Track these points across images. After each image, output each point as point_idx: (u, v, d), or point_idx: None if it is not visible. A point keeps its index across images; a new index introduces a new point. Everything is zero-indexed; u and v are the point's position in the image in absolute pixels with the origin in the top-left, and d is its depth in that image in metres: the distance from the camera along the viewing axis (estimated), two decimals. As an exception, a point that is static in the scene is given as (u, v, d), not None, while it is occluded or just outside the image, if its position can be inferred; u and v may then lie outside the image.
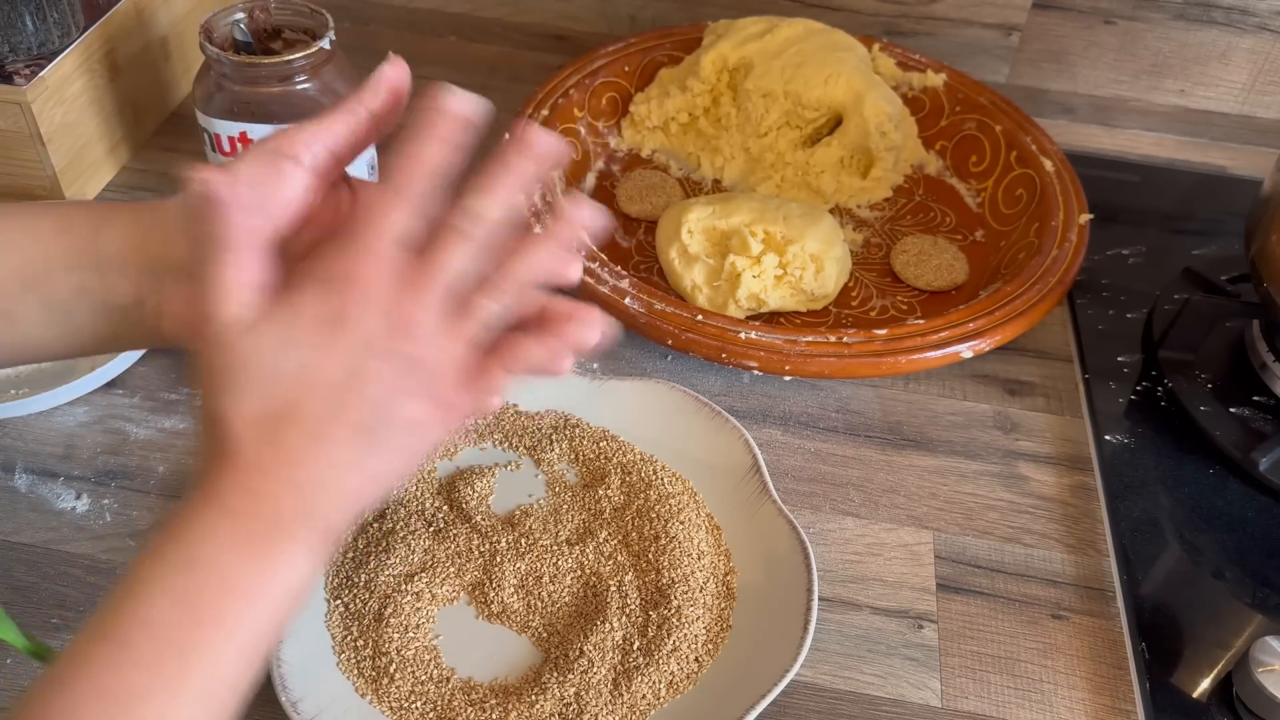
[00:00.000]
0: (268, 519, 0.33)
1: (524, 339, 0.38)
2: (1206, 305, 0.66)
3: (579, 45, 0.93)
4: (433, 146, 0.36)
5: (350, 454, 0.34)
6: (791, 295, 0.67)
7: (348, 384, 0.34)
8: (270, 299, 0.35)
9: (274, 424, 0.33)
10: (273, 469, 0.33)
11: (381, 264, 0.35)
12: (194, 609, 0.32)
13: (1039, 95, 0.89)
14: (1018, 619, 0.53)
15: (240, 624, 0.32)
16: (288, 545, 0.33)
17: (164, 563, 0.32)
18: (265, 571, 0.33)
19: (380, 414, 0.35)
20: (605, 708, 0.47)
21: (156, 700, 0.31)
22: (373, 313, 0.34)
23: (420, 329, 0.35)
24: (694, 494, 0.56)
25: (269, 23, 0.69)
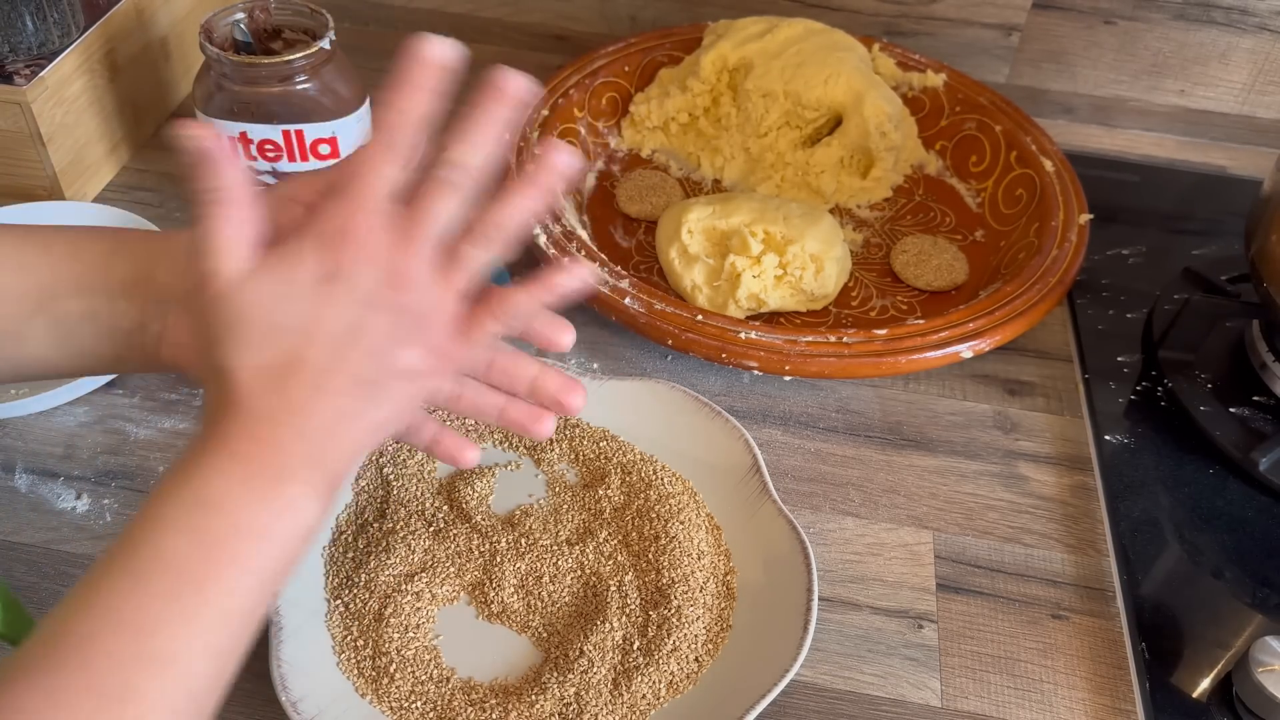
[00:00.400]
0: (274, 464, 0.34)
1: (512, 289, 0.40)
2: (1206, 305, 0.66)
3: (579, 45, 0.93)
4: (417, 97, 0.37)
5: (351, 403, 0.36)
6: (791, 295, 0.67)
7: (347, 336, 0.35)
8: (268, 254, 0.36)
9: (278, 375, 0.35)
10: (278, 417, 0.35)
11: (374, 218, 0.36)
12: (206, 546, 0.33)
13: (1039, 95, 0.89)
14: (1018, 619, 0.53)
15: (250, 561, 0.34)
16: (294, 488, 0.35)
17: (176, 502, 0.34)
18: (273, 512, 0.34)
19: (379, 364, 0.36)
20: (605, 707, 0.47)
21: (171, 629, 0.32)
22: (368, 266, 0.36)
23: (414, 280, 0.36)
24: (694, 494, 0.56)
25: (269, 23, 0.69)
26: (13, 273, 0.40)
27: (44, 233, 0.42)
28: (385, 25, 0.95)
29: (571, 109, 0.78)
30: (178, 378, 0.62)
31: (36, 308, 0.40)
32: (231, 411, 0.35)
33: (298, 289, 0.35)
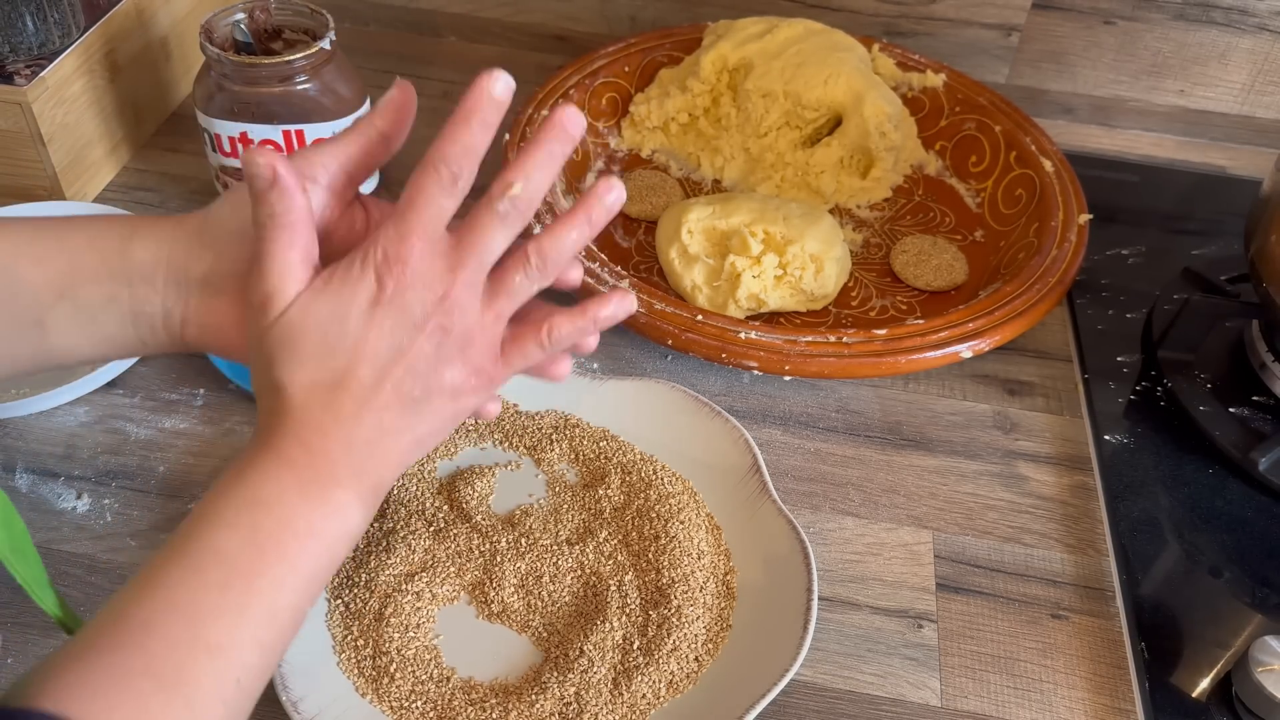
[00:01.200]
0: (323, 471, 0.37)
1: (556, 314, 0.42)
2: (1206, 305, 0.66)
3: (579, 46, 0.93)
4: (479, 132, 0.39)
5: (397, 419, 0.38)
6: (791, 295, 0.67)
7: (396, 356, 0.38)
8: (325, 275, 0.39)
9: (329, 391, 0.38)
10: (328, 429, 0.37)
11: (426, 246, 0.38)
12: (258, 543, 0.35)
13: (1038, 95, 0.89)
14: (1017, 619, 0.53)
15: (298, 559, 0.36)
16: (341, 494, 0.38)
17: (231, 501, 0.36)
18: (321, 514, 0.37)
19: (425, 383, 0.39)
20: (605, 707, 0.47)
21: (223, 620, 0.34)
22: (419, 291, 0.38)
23: (461, 306, 0.39)
24: (694, 494, 0.56)
25: (269, 23, 0.69)
26: (32, 264, 0.41)
27: (59, 224, 0.43)
28: (385, 25, 0.95)
29: (571, 109, 0.78)
30: (179, 377, 0.62)
31: (58, 297, 0.41)
32: (285, 422, 0.37)
33: (351, 310, 0.38)
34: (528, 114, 0.75)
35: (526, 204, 0.39)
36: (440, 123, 0.89)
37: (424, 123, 0.90)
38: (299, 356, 0.38)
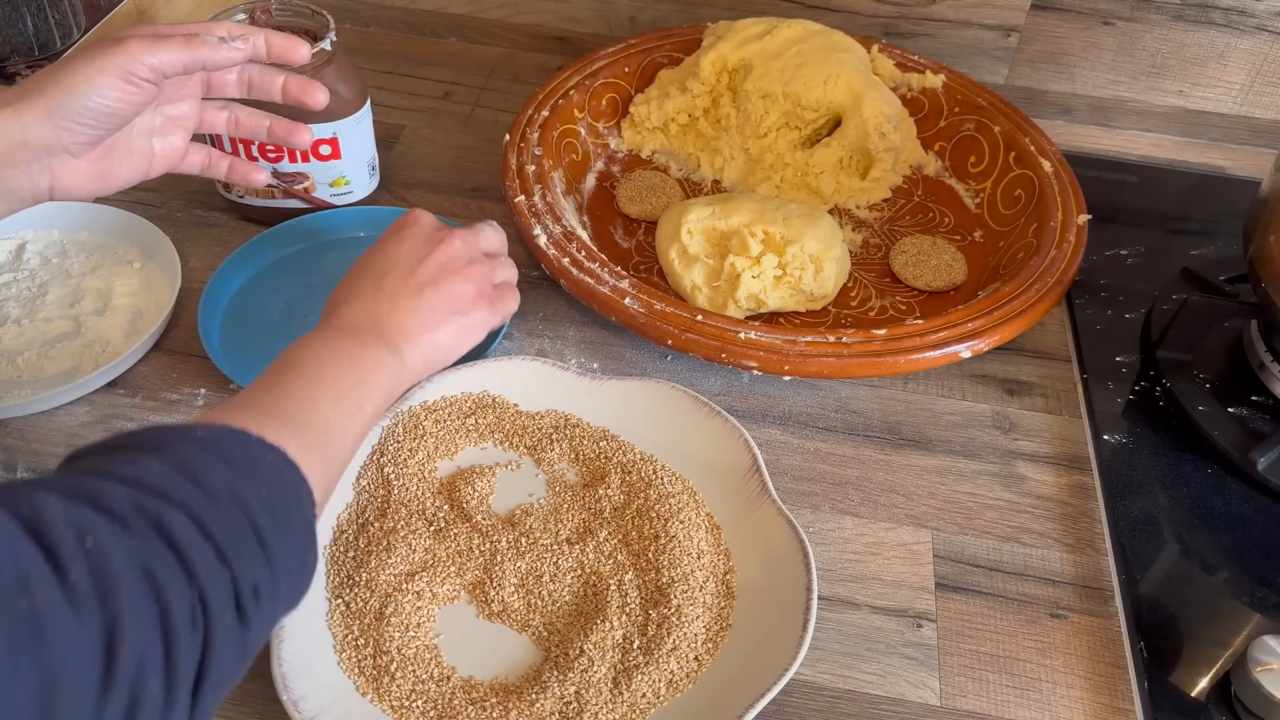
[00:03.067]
0: (384, 334, 0.51)
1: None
2: (1205, 305, 0.66)
3: (579, 46, 0.93)
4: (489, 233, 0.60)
5: (433, 315, 0.53)
6: (791, 295, 0.67)
7: (438, 274, 0.54)
8: (397, 229, 0.57)
9: (399, 282, 0.53)
10: (393, 306, 0.52)
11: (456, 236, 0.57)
12: (339, 392, 0.46)
13: (1038, 96, 0.89)
14: (1016, 618, 0.54)
15: (365, 406, 0.48)
16: (389, 356, 0.50)
17: (321, 358, 0.48)
18: (381, 368, 0.49)
19: (454, 291, 0.54)
20: (605, 706, 0.47)
21: (326, 410, 0.45)
22: (455, 245, 0.56)
23: (474, 257, 0.57)
24: (694, 493, 0.56)
25: (270, 24, 0.69)
26: None
27: None
28: (386, 26, 0.95)
29: (571, 110, 0.78)
30: (179, 377, 0.62)
31: None
32: (361, 302, 0.52)
33: (413, 248, 0.56)
34: (528, 114, 0.75)
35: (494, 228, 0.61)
36: (440, 123, 0.89)
37: (424, 123, 0.90)
38: (381, 267, 0.55)
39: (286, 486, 0.39)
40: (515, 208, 0.68)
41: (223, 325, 0.65)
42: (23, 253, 0.68)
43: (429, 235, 0.56)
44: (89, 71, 0.50)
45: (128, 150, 0.56)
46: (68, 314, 0.64)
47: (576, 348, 0.66)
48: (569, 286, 0.64)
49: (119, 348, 0.62)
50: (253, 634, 0.36)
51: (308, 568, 0.40)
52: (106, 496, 0.33)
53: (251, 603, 0.35)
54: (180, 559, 0.33)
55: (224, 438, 0.38)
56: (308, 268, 0.69)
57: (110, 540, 0.31)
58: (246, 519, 0.36)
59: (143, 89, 0.52)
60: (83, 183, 0.53)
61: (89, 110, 0.51)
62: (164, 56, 0.52)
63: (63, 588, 0.29)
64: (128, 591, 0.31)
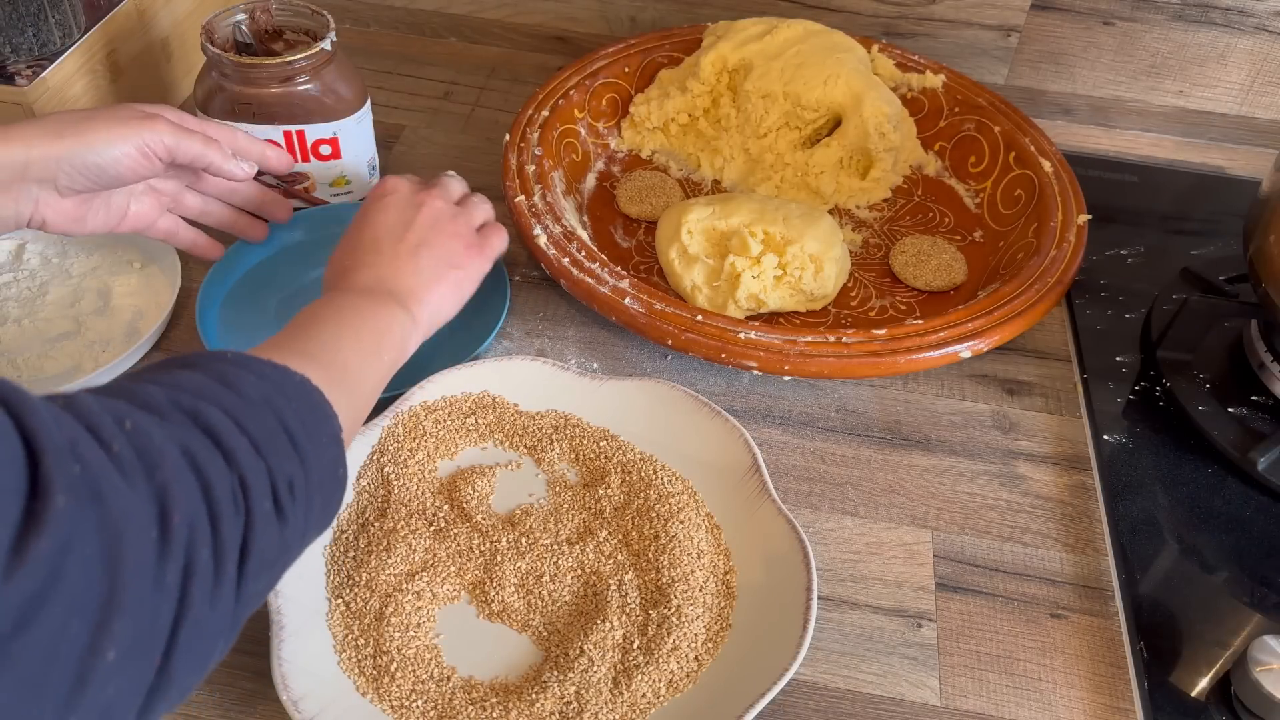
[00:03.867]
0: (393, 294, 0.53)
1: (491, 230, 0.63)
2: (1205, 305, 0.66)
3: (579, 46, 0.93)
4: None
5: (433, 272, 0.56)
6: (791, 295, 0.67)
7: (429, 234, 0.57)
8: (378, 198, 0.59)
9: (394, 247, 0.56)
10: (395, 269, 0.55)
11: (435, 195, 0.60)
12: (358, 339, 0.49)
13: (1038, 96, 0.89)
14: (1016, 618, 0.54)
15: (382, 353, 0.50)
16: (400, 312, 0.53)
17: (338, 310, 0.50)
18: (394, 322, 0.52)
19: (446, 247, 0.58)
20: (605, 706, 0.47)
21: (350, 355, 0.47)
22: (437, 204, 0.59)
23: (455, 211, 0.60)
24: (694, 493, 0.56)
25: (270, 24, 0.69)
26: None
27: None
28: (386, 26, 0.95)
29: (571, 110, 0.78)
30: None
31: None
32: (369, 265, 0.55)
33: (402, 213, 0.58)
34: (528, 114, 0.75)
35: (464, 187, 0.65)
36: (440, 123, 0.89)
37: (424, 123, 0.90)
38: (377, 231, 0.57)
39: (315, 402, 0.41)
40: (515, 208, 0.68)
41: (221, 319, 0.65)
42: (23, 253, 0.68)
43: (409, 199, 0.59)
44: (111, 134, 0.54)
45: (106, 204, 0.59)
46: (68, 314, 0.64)
47: (576, 348, 0.66)
48: (569, 286, 0.64)
49: (119, 348, 0.62)
50: (290, 529, 0.37)
51: (340, 481, 0.42)
52: (142, 394, 0.35)
53: (287, 497, 0.37)
54: (218, 445, 0.35)
55: (254, 360, 0.40)
56: (306, 263, 0.69)
57: (148, 424, 0.33)
58: (279, 423, 0.38)
59: (152, 164, 0.56)
60: (59, 220, 0.56)
61: (98, 167, 0.54)
62: (183, 144, 0.56)
63: (110, 457, 0.30)
64: (171, 465, 0.32)
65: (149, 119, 0.55)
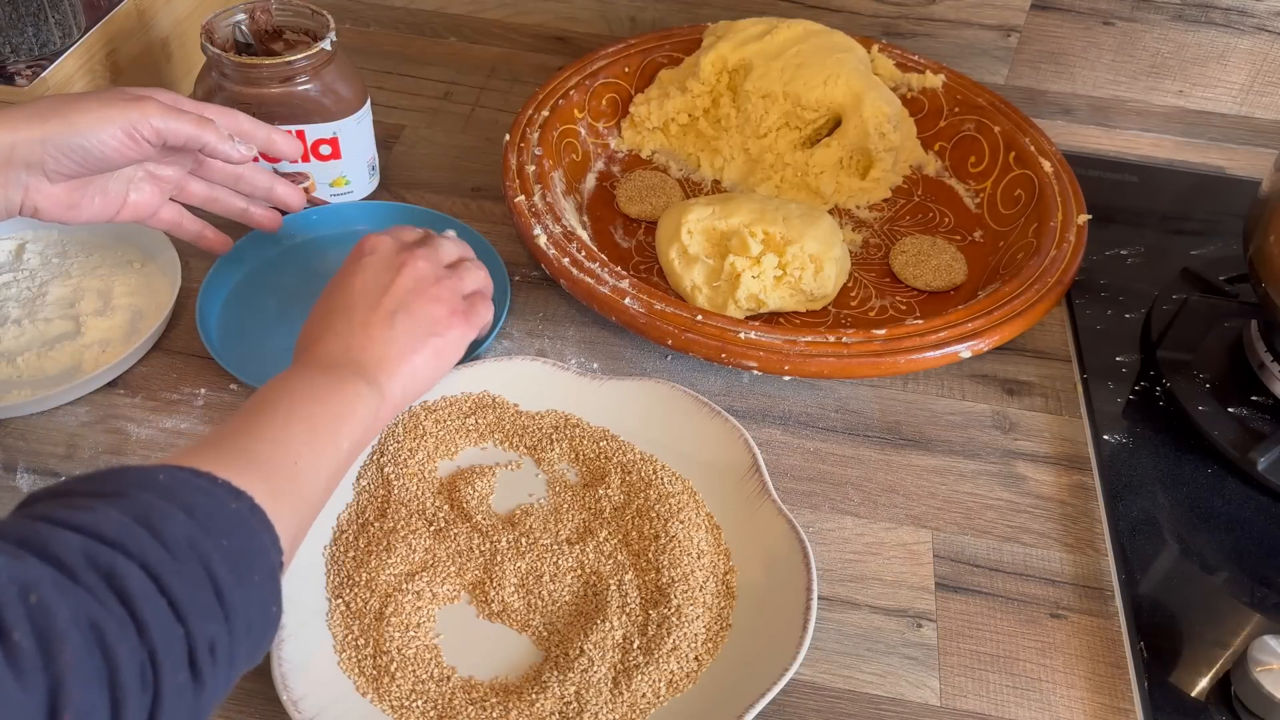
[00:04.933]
0: (361, 367, 0.50)
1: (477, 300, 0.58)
2: (1205, 305, 0.66)
3: (579, 46, 0.93)
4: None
5: (409, 341, 0.52)
6: (791, 295, 0.67)
7: (407, 298, 0.53)
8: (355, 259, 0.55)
9: (367, 314, 0.52)
10: (366, 338, 0.51)
11: (419, 256, 0.56)
12: (313, 431, 0.45)
13: (1038, 96, 0.89)
14: (1016, 618, 0.54)
15: (340, 441, 0.46)
16: (367, 388, 0.49)
17: (294, 394, 0.47)
18: (358, 402, 0.48)
19: (425, 313, 0.54)
20: (605, 706, 0.47)
21: (304, 451, 0.44)
22: (419, 265, 0.55)
23: (440, 274, 0.56)
24: (694, 493, 0.56)
25: (270, 24, 0.69)
26: None
27: None
28: (386, 26, 0.95)
29: (571, 110, 0.78)
30: (179, 377, 0.62)
31: None
32: (337, 338, 0.51)
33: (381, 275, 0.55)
34: (528, 114, 0.75)
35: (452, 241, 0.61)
36: (440, 123, 0.89)
37: (424, 123, 0.90)
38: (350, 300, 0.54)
39: (250, 535, 0.38)
40: (515, 208, 0.68)
41: (221, 319, 0.65)
42: (23, 253, 0.68)
43: (390, 260, 0.55)
44: (98, 116, 0.52)
45: (102, 191, 0.57)
46: (68, 314, 0.64)
47: (576, 348, 0.66)
48: (569, 286, 0.64)
49: (119, 348, 0.62)
50: (208, 692, 0.35)
51: (270, 621, 0.39)
52: (57, 545, 0.32)
53: (207, 661, 0.34)
54: (131, 614, 0.32)
55: (186, 483, 0.37)
56: (306, 262, 0.69)
57: (56, 596, 0.30)
58: (205, 572, 0.35)
59: (141, 147, 0.54)
60: (52, 207, 0.55)
61: (83, 149, 0.52)
62: (173, 125, 0.54)
63: (4, 650, 0.28)
64: (73, 651, 0.30)
65: (137, 100, 0.54)
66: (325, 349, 0.51)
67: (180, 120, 0.55)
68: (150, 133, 0.54)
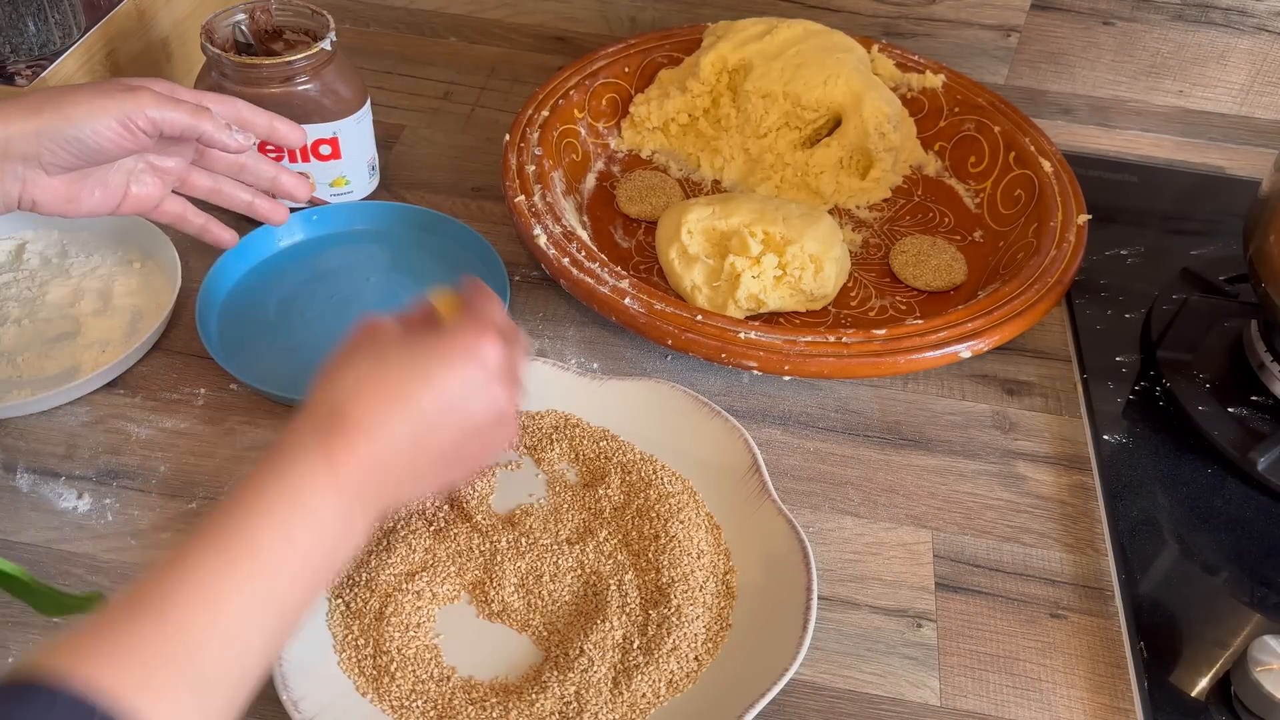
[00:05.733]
0: (366, 496, 0.41)
1: None
2: (1205, 305, 0.66)
3: (579, 46, 0.93)
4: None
5: (424, 481, 0.45)
6: (791, 295, 0.67)
7: (463, 441, 0.45)
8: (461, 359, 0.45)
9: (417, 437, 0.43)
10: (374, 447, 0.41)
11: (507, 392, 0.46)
12: (293, 543, 0.38)
13: (1037, 96, 0.89)
14: (1016, 618, 0.54)
15: (323, 564, 0.40)
16: (364, 519, 0.41)
17: (274, 499, 0.39)
18: (347, 529, 0.40)
19: (464, 454, 0.45)
20: (605, 706, 0.47)
21: (245, 607, 0.36)
22: (504, 407, 0.46)
23: (510, 419, 0.47)
24: (693, 493, 0.56)
25: (270, 24, 0.69)
26: None
27: None
28: (386, 26, 0.95)
29: (571, 110, 0.78)
30: (179, 377, 0.62)
31: None
32: (345, 428, 0.41)
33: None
34: (528, 114, 0.75)
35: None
36: (440, 123, 0.89)
37: (424, 123, 0.90)
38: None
39: None
40: (515, 208, 0.68)
41: (221, 319, 0.65)
42: (23, 253, 0.68)
43: (487, 388, 0.45)
44: (91, 107, 0.51)
45: (102, 183, 0.56)
46: (68, 314, 0.64)
47: (576, 348, 0.66)
48: (569, 286, 0.64)
49: (119, 348, 0.62)
50: None
51: None
52: None
53: None
54: None
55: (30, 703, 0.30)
56: (305, 262, 0.69)
57: None
58: None
59: (136, 138, 0.53)
60: (50, 200, 0.54)
61: (77, 140, 0.51)
62: (168, 115, 0.53)
63: None
64: None
65: (132, 90, 0.52)
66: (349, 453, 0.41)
67: (176, 109, 0.53)
68: (145, 123, 0.52)
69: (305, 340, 0.65)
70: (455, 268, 0.70)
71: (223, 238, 0.63)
